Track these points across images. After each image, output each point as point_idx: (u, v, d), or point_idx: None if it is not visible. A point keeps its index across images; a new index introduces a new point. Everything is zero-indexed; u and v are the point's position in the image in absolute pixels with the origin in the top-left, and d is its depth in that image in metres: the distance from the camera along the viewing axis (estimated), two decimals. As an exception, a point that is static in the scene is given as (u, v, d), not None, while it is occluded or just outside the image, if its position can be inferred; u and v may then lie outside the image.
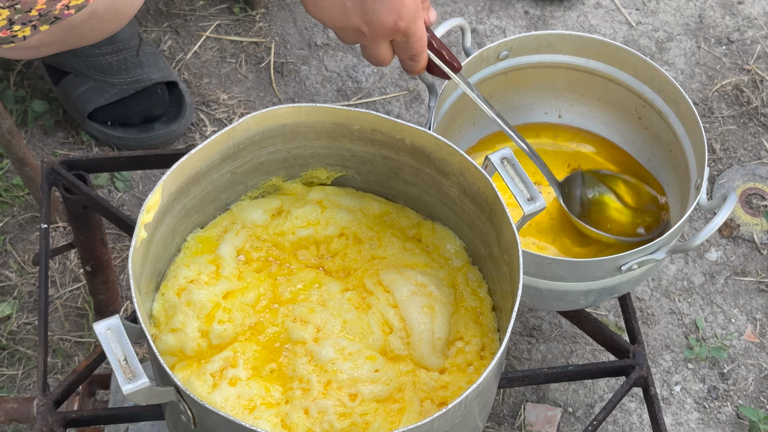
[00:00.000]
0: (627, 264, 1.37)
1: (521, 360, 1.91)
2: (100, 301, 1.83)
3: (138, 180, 2.08)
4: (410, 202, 1.31)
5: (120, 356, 1.00)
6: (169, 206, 1.18)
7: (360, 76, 2.21)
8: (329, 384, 1.16)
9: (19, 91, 2.15)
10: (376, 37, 1.25)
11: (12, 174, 2.07)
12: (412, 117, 2.18)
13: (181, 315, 1.19)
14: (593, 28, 2.31)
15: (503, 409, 1.86)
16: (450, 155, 1.19)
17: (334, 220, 1.29)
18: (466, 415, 1.10)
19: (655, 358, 1.92)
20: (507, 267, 1.17)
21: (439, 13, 2.31)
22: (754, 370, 1.92)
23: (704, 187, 1.41)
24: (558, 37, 1.53)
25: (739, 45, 2.30)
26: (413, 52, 1.27)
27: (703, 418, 1.87)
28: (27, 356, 1.88)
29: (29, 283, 1.96)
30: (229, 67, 2.22)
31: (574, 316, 1.54)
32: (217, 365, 1.17)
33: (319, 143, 1.26)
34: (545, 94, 1.62)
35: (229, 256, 1.25)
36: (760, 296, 1.99)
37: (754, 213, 2.07)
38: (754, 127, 2.18)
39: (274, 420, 1.14)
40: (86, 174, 1.56)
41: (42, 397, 1.38)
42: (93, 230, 1.66)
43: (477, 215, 1.22)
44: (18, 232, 2.01)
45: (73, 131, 2.12)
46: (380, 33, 1.24)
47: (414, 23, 1.24)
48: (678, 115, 1.50)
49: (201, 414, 1.04)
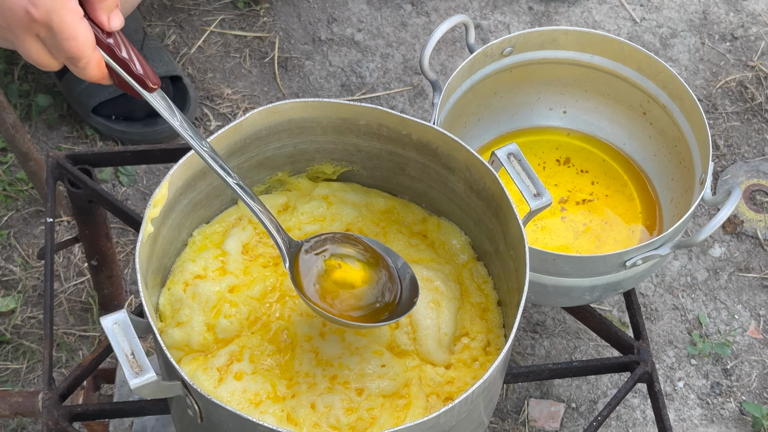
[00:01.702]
0: (631, 259, 1.37)
1: (525, 356, 1.91)
2: (105, 296, 1.83)
3: (142, 174, 2.08)
4: (416, 197, 1.31)
5: (127, 350, 1.00)
6: (175, 200, 1.18)
7: (364, 72, 2.21)
8: (335, 378, 1.16)
9: (23, 86, 2.15)
10: (13, 28, 1.03)
11: (16, 168, 2.07)
12: (416, 112, 2.18)
13: (187, 309, 1.19)
14: (597, 24, 2.31)
15: (507, 404, 1.86)
16: (456, 151, 1.19)
17: (339, 216, 1.29)
18: (472, 411, 1.10)
19: (658, 354, 1.92)
20: (513, 263, 1.17)
21: (443, 8, 2.31)
22: (758, 366, 1.92)
23: (708, 182, 1.41)
24: (562, 32, 1.53)
25: (744, 41, 2.30)
26: (66, 53, 1.03)
27: (706, 414, 1.88)
28: (31, 350, 1.89)
29: (33, 277, 1.96)
30: (233, 61, 2.22)
31: (578, 311, 1.54)
32: (223, 359, 1.17)
33: (326, 138, 1.26)
34: (550, 90, 1.62)
35: (235, 250, 1.25)
36: (763, 292, 2.00)
37: (758, 209, 2.07)
38: (758, 124, 2.18)
39: (280, 414, 1.14)
40: (91, 168, 1.56)
41: (47, 390, 1.38)
42: (98, 224, 1.66)
43: (483, 211, 1.22)
44: (22, 226, 2.02)
45: (77, 125, 2.12)
46: (15, 23, 1.02)
47: (56, 14, 1.00)
48: (682, 110, 1.50)
49: (208, 408, 1.04)
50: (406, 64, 2.23)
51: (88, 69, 1.05)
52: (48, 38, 1.03)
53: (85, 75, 1.06)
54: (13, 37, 1.03)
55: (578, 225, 1.55)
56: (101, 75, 1.06)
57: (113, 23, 1.05)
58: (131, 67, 1.07)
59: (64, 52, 1.03)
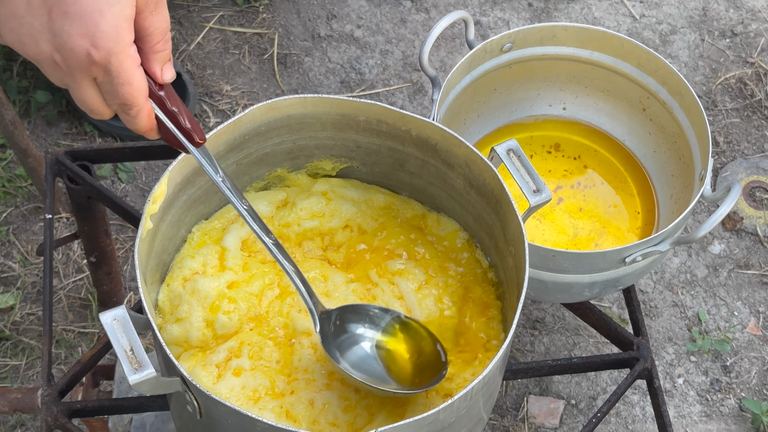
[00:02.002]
0: (631, 256, 1.37)
1: (524, 352, 1.91)
2: (104, 292, 1.83)
3: (141, 171, 2.08)
4: (415, 193, 1.31)
5: (126, 346, 1.00)
6: (174, 197, 1.17)
7: (363, 68, 2.21)
8: (333, 375, 1.16)
9: (22, 82, 2.15)
10: (72, 71, 1.00)
11: (15, 165, 2.07)
12: (415, 109, 2.17)
13: (186, 305, 1.19)
14: (597, 21, 2.31)
15: (506, 401, 1.86)
16: (456, 146, 1.19)
17: (339, 212, 1.29)
18: (471, 407, 1.10)
19: (657, 350, 1.92)
20: (512, 258, 1.16)
21: (443, 5, 2.31)
22: (757, 363, 1.92)
23: (708, 177, 1.41)
24: (562, 29, 1.53)
25: (743, 38, 2.30)
26: (121, 99, 1.02)
27: (705, 411, 1.88)
28: (30, 347, 1.89)
29: (32, 273, 1.96)
30: (232, 58, 2.22)
31: (578, 308, 1.54)
32: (222, 355, 1.17)
33: (325, 134, 1.26)
34: (549, 86, 1.62)
35: (234, 247, 1.25)
36: (763, 289, 1.99)
37: (758, 206, 2.07)
38: (757, 120, 2.18)
39: (279, 411, 1.14)
40: (90, 165, 1.56)
41: (47, 387, 1.38)
42: (97, 221, 1.66)
43: (482, 207, 1.22)
44: (21, 222, 2.01)
45: (76, 122, 2.12)
46: (74, 64, 1.00)
47: (116, 57, 0.99)
48: (682, 106, 1.50)
49: (207, 404, 1.04)
50: (406, 60, 2.23)
51: (138, 118, 1.04)
52: (105, 83, 1.02)
53: (135, 124, 1.05)
54: (71, 80, 1.02)
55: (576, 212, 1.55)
56: (150, 126, 1.06)
57: (166, 75, 1.05)
58: (180, 120, 1.07)
59: (119, 97, 1.02)
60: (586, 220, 1.56)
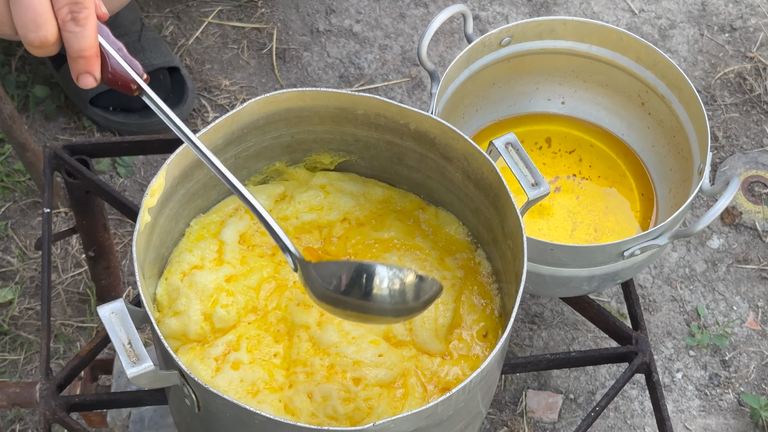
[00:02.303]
0: (630, 249, 1.37)
1: (523, 347, 1.91)
2: (102, 287, 1.83)
3: (139, 166, 2.08)
4: (414, 187, 1.31)
5: (124, 340, 1.00)
6: (172, 190, 1.17)
7: (362, 63, 2.21)
8: (332, 368, 1.16)
9: (20, 77, 2.15)
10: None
11: (13, 159, 2.07)
12: (414, 103, 2.17)
13: (184, 298, 1.19)
14: (596, 15, 2.31)
15: (505, 395, 1.86)
16: (454, 140, 1.19)
17: (337, 205, 1.28)
18: (470, 401, 1.10)
19: (656, 345, 1.92)
20: (511, 252, 1.16)
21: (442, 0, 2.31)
22: (756, 358, 1.92)
23: (707, 171, 1.41)
24: (560, 23, 1.52)
25: (742, 32, 2.29)
26: None
27: (704, 405, 1.88)
28: (29, 341, 1.89)
29: (31, 268, 1.96)
30: (231, 53, 2.22)
31: (576, 302, 1.54)
32: (220, 349, 1.17)
33: (323, 128, 1.26)
34: (548, 81, 1.62)
35: (232, 240, 1.25)
36: (761, 284, 1.99)
37: (756, 201, 2.07)
38: (756, 115, 2.18)
39: (278, 404, 1.14)
40: (89, 159, 1.56)
41: (45, 381, 1.38)
42: (95, 215, 1.65)
43: (481, 200, 1.22)
44: (19, 217, 2.01)
45: (75, 117, 2.12)
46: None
47: None
48: (681, 100, 1.50)
49: (205, 398, 1.04)
50: (405, 55, 2.23)
51: (87, 28, 0.98)
52: None
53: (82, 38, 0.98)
54: None
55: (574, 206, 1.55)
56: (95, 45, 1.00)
57: (102, 8, 1.02)
58: (126, 52, 1.05)
59: None
60: (585, 213, 1.56)
